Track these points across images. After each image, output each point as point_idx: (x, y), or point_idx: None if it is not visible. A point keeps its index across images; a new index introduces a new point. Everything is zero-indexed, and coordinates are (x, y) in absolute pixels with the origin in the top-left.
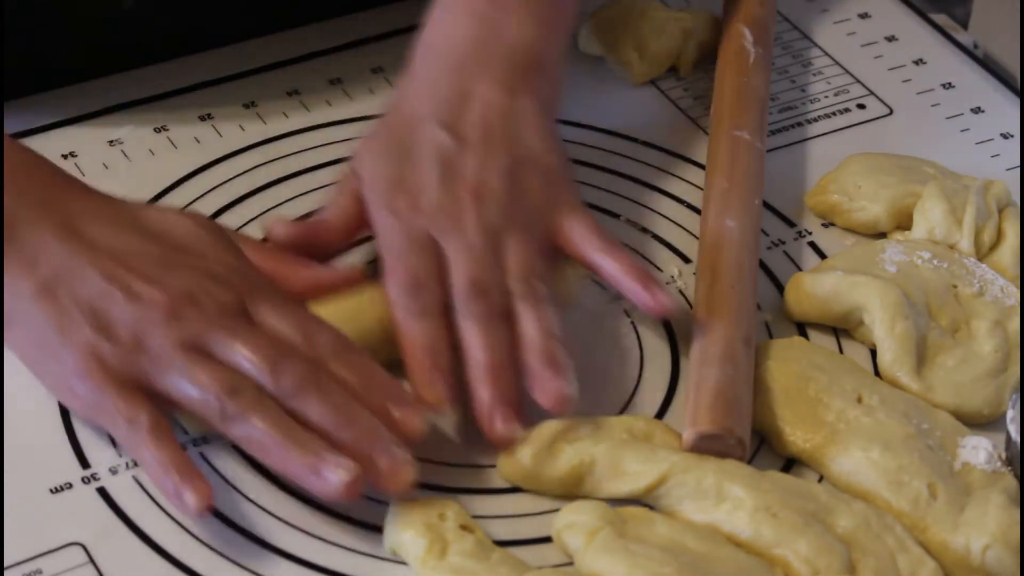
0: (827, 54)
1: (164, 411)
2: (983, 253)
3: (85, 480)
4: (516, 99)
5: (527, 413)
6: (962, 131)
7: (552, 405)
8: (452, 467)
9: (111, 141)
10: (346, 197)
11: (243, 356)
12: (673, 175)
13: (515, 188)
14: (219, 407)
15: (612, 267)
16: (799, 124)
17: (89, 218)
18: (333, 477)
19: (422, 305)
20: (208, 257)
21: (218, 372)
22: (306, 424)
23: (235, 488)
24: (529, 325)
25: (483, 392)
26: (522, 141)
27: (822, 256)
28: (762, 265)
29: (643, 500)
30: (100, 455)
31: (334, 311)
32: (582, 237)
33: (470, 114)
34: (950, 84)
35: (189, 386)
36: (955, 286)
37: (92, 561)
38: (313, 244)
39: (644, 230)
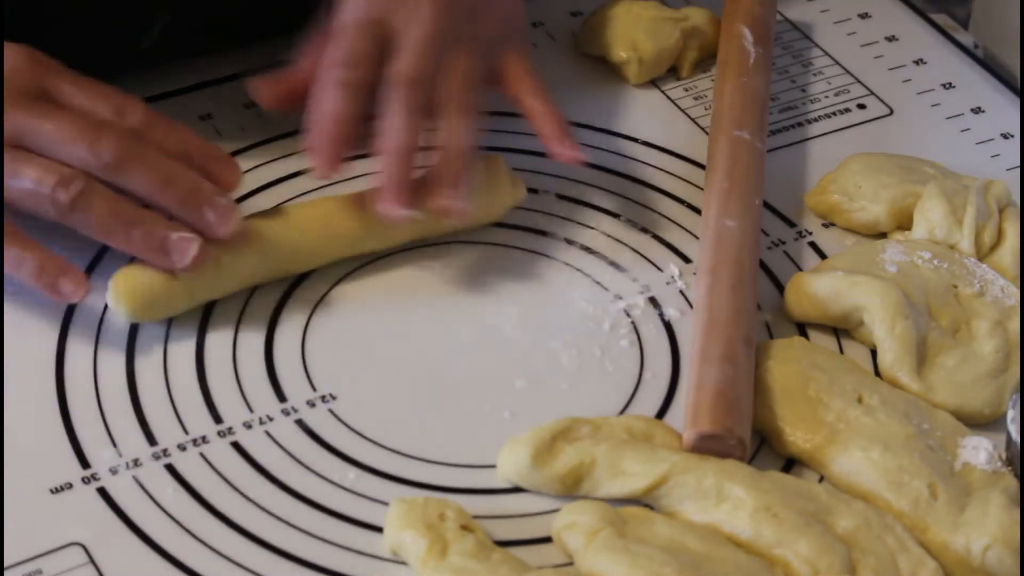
0: (827, 54)
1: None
2: (983, 253)
3: (85, 480)
4: None
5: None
6: (962, 131)
7: (445, 212)
8: (452, 467)
9: None
10: (317, 43)
11: (58, 138)
12: (673, 175)
13: (476, 12)
14: (52, 199)
15: (537, 110)
16: (799, 124)
17: None
18: (179, 251)
19: (349, 78)
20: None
21: (41, 163)
22: (132, 195)
23: (235, 488)
24: (452, 132)
25: (383, 171)
26: None
27: (822, 256)
28: (762, 265)
29: (643, 500)
30: (100, 455)
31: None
32: (520, 77)
33: None
34: (950, 84)
35: (17, 182)
36: (955, 286)
37: (92, 561)
38: (292, 98)
39: (644, 230)
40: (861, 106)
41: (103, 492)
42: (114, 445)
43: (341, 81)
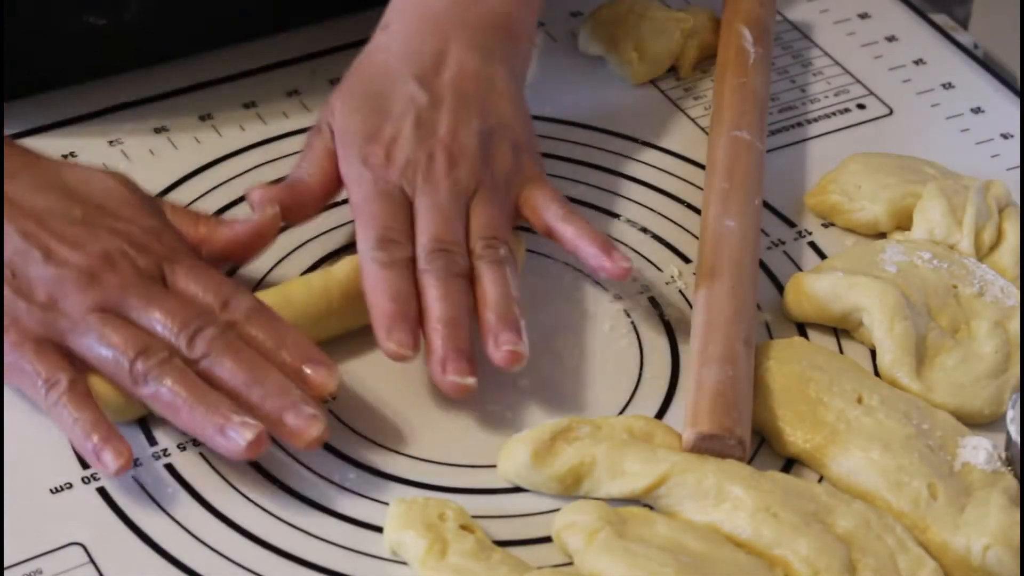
0: (827, 54)
1: (82, 374)
2: (983, 253)
3: (85, 480)
4: (490, 64)
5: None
6: (962, 131)
7: (505, 362)
8: (452, 467)
9: (111, 141)
10: (320, 155)
11: (156, 319)
12: (673, 175)
13: (486, 152)
14: (129, 367)
15: (571, 232)
16: (799, 124)
17: (10, 176)
18: (236, 436)
19: (391, 256)
20: (128, 219)
21: (130, 334)
22: (218, 386)
23: (235, 488)
24: (488, 284)
25: (437, 342)
26: (495, 108)
27: (822, 256)
28: (762, 265)
29: (643, 500)
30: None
31: (274, 295)
32: (544, 205)
33: (445, 73)
34: (950, 84)
35: (100, 347)
36: (955, 286)
37: (92, 561)
38: (292, 206)
39: (644, 230)
40: (861, 106)
41: (103, 492)
42: None
43: (381, 263)
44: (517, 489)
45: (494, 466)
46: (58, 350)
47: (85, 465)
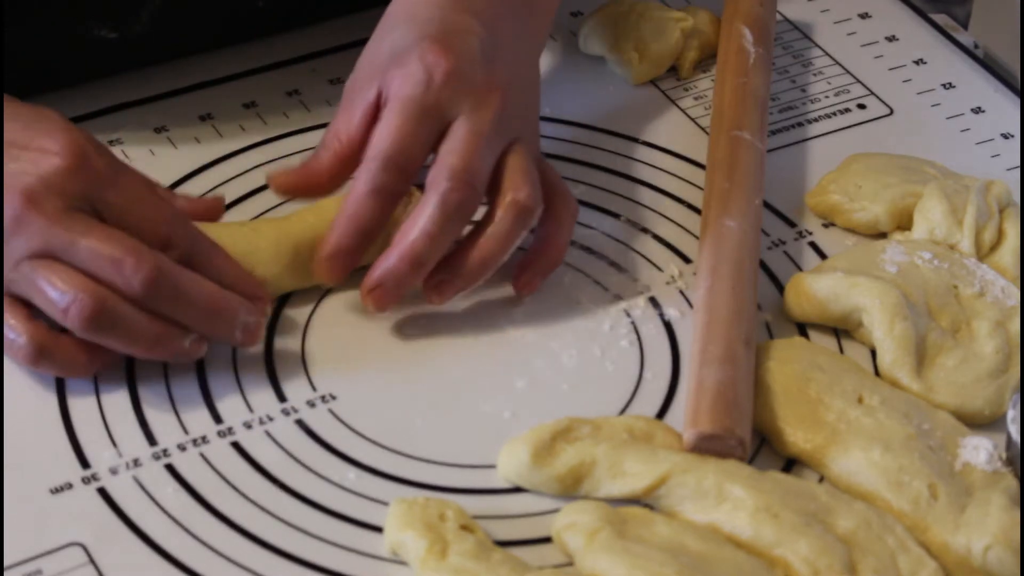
0: (827, 54)
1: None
2: (984, 253)
3: (85, 480)
4: (498, 31)
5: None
6: (962, 131)
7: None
8: (452, 467)
9: (111, 141)
10: (343, 126)
11: (87, 259)
12: (673, 175)
13: (517, 103)
14: (70, 317)
15: (552, 239)
16: (799, 124)
17: None
18: (187, 354)
19: (387, 181)
20: (50, 146)
21: (63, 279)
22: (160, 315)
23: (235, 488)
24: (495, 235)
25: (388, 260)
26: (513, 67)
27: (822, 256)
28: (762, 265)
29: (643, 500)
30: (100, 455)
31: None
32: (558, 191)
33: (466, 37)
34: (950, 84)
35: (37, 297)
36: (956, 286)
37: (92, 561)
38: (309, 189)
39: (644, 230)
40: (861, 106)
41: (103, 492)
42: (114, 445)
43: (378, 186)
44: (517, 489)
45: (494, 466)
46: (14, 302)
47: (85, 465)
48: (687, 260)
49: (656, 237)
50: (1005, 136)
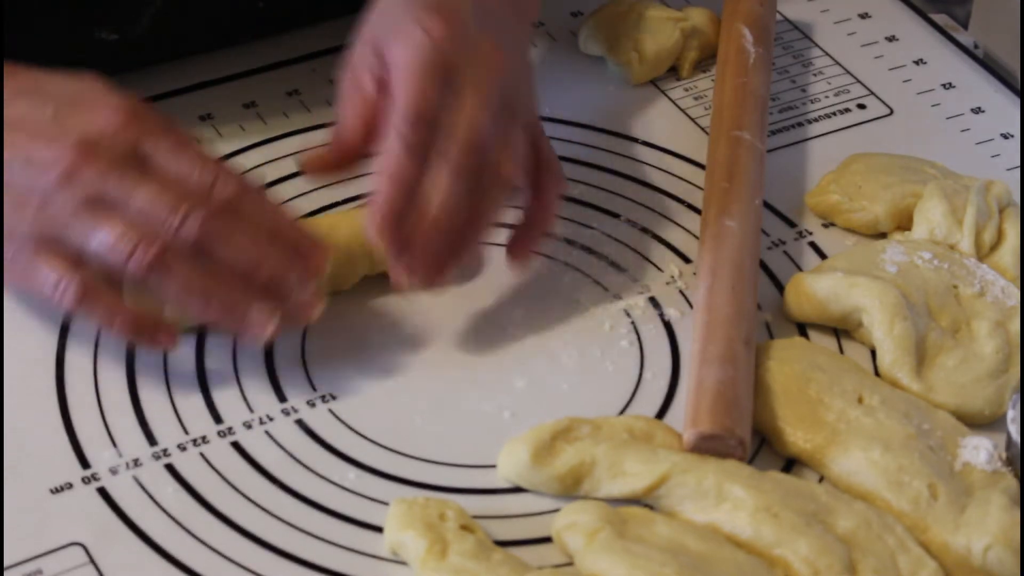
0: (827, 54)
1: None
2: (984, 253)
3: (85, 480)
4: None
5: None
6: (962, 131)
7: (519, 264)
8: (452, 467)
9: None
10: (354, 95)
11: (143, 205)
12: (673, 175)
13: (515, 70)
14: (133, 258)
15: (542, 207)
16: (799, 124)
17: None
18: (260, 323)
19: (419, 140)
20: (98, 104)
21: (123, 223)
22: (216, 266)
23: (235, 488)
24: (533, 202)
25: (424, 246)
26: (506, 35)
27: (822, 256)
28: (762, 265)
29: (643, 500)
30: (100, 455)
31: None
32: (549, 163)
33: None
34: (950, 84)
35: (95, 242)
36: (956, 286)
37: (92, 561)
38: (341, 165)
39: (644, 230)
40: (861, 106)
41: (103, 492)
42: (114, 445)
43: (411, 144)
44: (517, 489)
45: (494, 466)
46: (62, 250)
47: (85, 465)
48: (687, 260)
49: (656, 237)
50: (1005, 136)
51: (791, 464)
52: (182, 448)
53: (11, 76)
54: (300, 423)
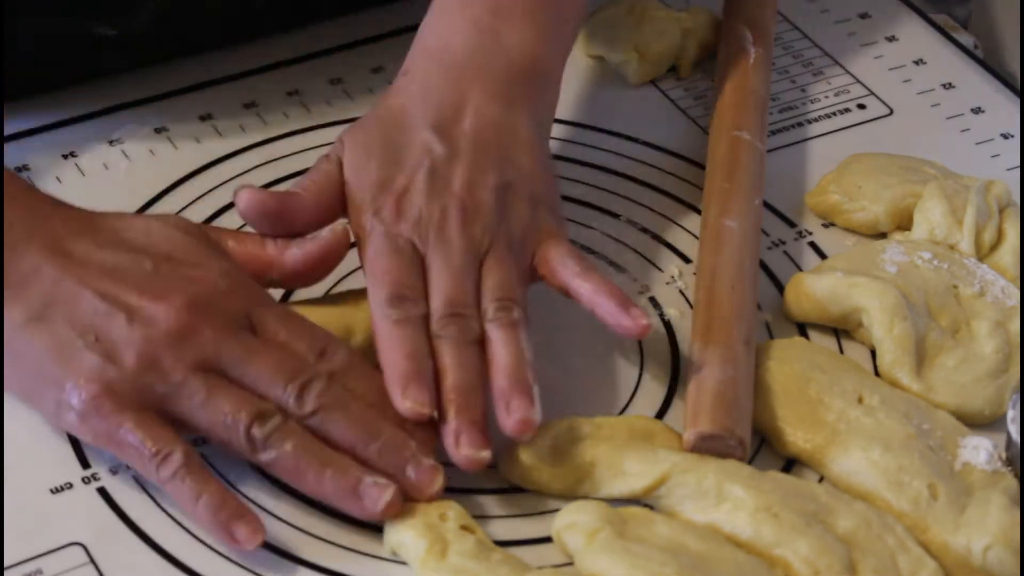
0: (827, 54)
1: (191, 446)
2: (984, 253)
3: (85, 480)
4: (512, 114)
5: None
6: (962, 131)
7: (516, 431)
8: (452, 467)
9: (111, 141)
10: (323, 179)
11: (260, 375)
12: (673, 175)
13: (502, 208)
14: (244, 433)
15: (588, 290)
16: (799, 124)
17: (74, 237)
18: (374, 498)
19: (405, 314)
20: (202, 265)
21: (238, 396)
22: (331, 442)
23: (235, 488)
24: (501, 348)
25: (450, 412)
26: (513, 160)
27: (822, 256)
28: (762, 265)
29: (643, 500)
30: (100, 455)
31: (323, 315)
32: (561, 262)
33: (464, 123)
34: (950, 84)
35: (209, 412)
36: (956, 286)
37: (92, 561)
38: (280, 219)
39: (644, 230)
40: (861, 106)
41: (103, 492)
42: None
43: (395, 320)
44: (517, 489)
45: (494, 466)
46: (161, 417)
47: (85, 465)
48: (687, 260)
49: (656, 237)
50: (1005, 136)
51: (791, 464)
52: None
53: (89, 222)
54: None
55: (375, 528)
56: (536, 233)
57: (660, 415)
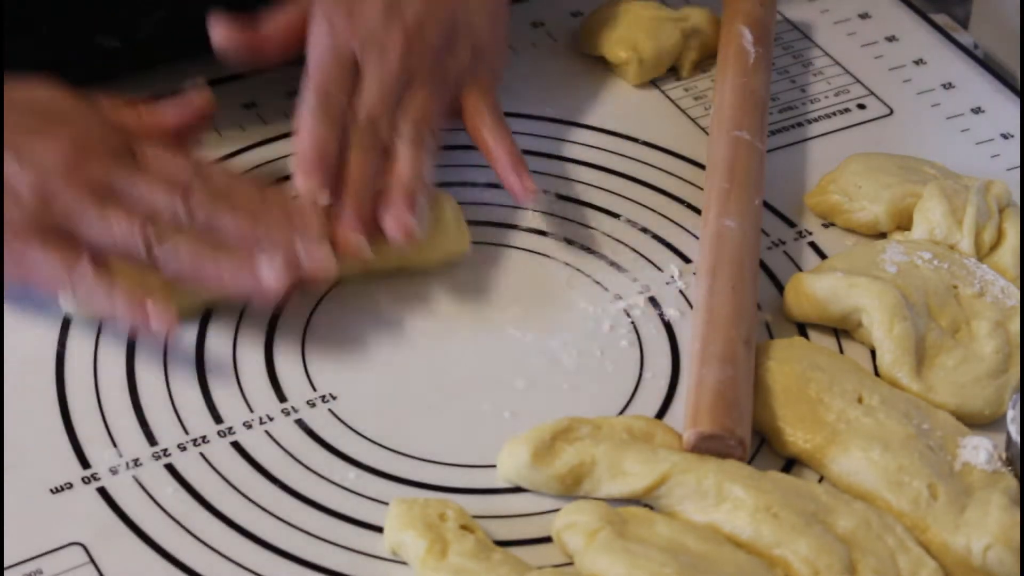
0: (827, 54)
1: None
2: (983, 253)
3: (85, 480)
4: None
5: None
6: (962, 131)
7: (395, 233)
8: (452, 467)
9: None
10: (293, 10)
11: (147, 188)
12: (673, 175)
13: (443, 49)
14: (143, 239)
15: (493, 146)
16: (799, 124)
17: None
18: (266, 269)
19: (327, 111)
20: (87, 115)
21: (132, 207)
22: (222, 238)
23: (235, 488)
24: (403, 163)
25: (342, 202)
26: (468, 12)
27: (822, 256)
28: (762, 265)
29: (643, 500)
30: (100, 455)
31: None
32: (480, 113)
33: None
34: (950, 84)
35: (105, 222)
36: (956, 286)
37: (92, 561)
38: (250, 48)
39: (644, 230)
40: (861, 106)
41: (103, 492)
42: (114, 445)
43: (318, 115)
44: (517, 489)
45: (494, 466)
46: (63, 236)
47: (85, 465)
48: (687, 260)
49: (656, 237)
50: (1005, 136)
51: (791, 464)
52: (182, 448)
53: None
54: (300, 423)
55: (375, 528)
56: (469, 79)
57: (660, 415)
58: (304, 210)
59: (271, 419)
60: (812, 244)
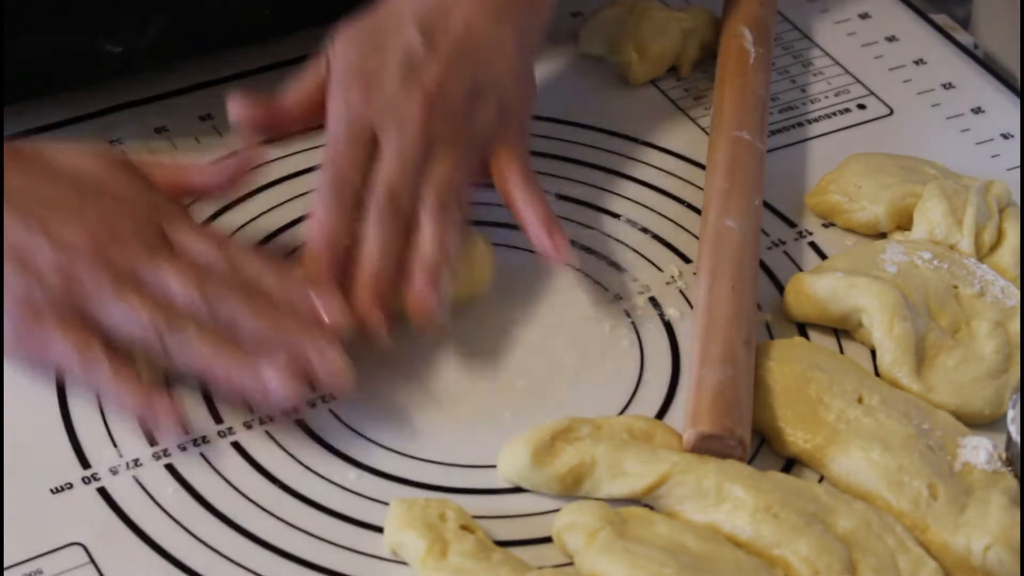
0: (827, 54)
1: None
2: (983, 253)
3: (85, 480)
4: (500, 28)
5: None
6: (962, 131)
7: (417, 313)
8: (452, 467)
9: (111, 141)
10: (310, 81)
11: (170, 280)
12: (673, 175)
13: (467, 110)
14: (158, 333)
15: (524, 208)
16: (799, 124)
17: (6, 170)
18: (271, 375)
19: (339, 200)
20: (122, 193)
21: (153, 301)
22: (240, 339)
23: (235, 488)
24: (425, 237)
25: (360, 292)
26: (491, 70)
27: (822, 256)
28: (762, 265)
29: (643, 500)
30: (100, 455)
31: None
32: (509, 170)
33: (450, 26)
34: (950, 84)
35: (122, 312)
36: (956, 286)
37: (92, 561)
38: (268, 125)
39: (644, 230)
40: (861, 106)
41: (103, 492)
42: (114, 445)
43: (330, 207)
44: (517, 489)
45: (494, 466)
46: (81, 320)
47: (85, 465)
48: (687, 260)
49: (656, 237)
50: (1005, 136)
51: (791, 464)
52: (182, 448)
53: (18, 155)
54: (300, 423)
55: (375, 528)
56: (496, 139)
57: (660, 415)
58: (323, 307)
59: (271, 419)
60: (812, 244)
